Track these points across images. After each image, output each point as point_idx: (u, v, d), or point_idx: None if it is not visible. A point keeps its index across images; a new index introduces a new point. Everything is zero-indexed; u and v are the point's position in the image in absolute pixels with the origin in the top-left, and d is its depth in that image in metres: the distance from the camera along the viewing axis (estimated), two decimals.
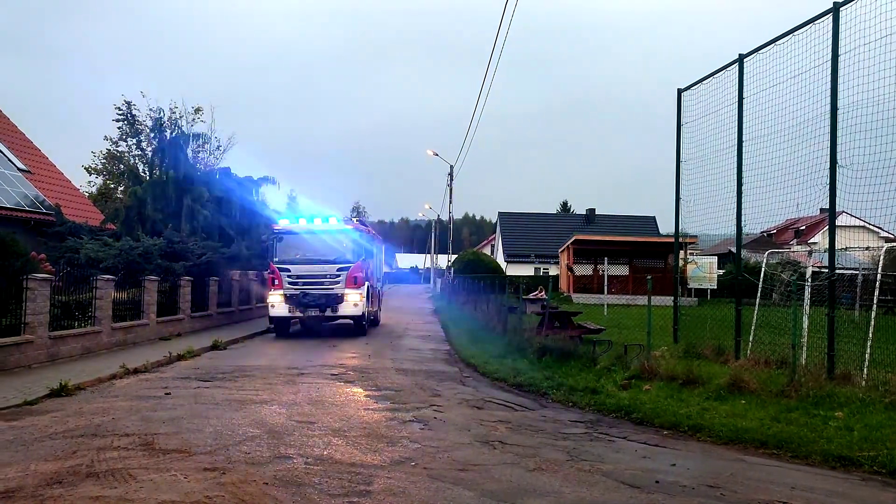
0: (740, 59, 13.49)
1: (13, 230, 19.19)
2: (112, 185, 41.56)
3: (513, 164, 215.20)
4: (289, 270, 20.79)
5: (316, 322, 22.85)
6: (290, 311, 20.75)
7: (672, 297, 16.82)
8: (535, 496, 6.24)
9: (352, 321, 21.86)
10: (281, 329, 21.77)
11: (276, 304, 20.80)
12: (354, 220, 22.49)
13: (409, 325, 27.50)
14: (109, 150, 38.16)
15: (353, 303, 20.80)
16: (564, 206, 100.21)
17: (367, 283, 21.83)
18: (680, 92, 16.03)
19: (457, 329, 23.69)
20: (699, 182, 15.07)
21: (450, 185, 52.33)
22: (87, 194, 36.33)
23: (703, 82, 14.96)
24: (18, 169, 25.92)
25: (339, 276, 20.78)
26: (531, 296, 21.88)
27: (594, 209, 72.98)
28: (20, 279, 13.71)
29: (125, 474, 6.54)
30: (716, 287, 34.25)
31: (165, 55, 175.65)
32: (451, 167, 51.23)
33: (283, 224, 22.09)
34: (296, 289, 20.65)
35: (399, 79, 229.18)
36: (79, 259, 21.25)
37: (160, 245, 22.89)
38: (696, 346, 13.73)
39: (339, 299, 20.72)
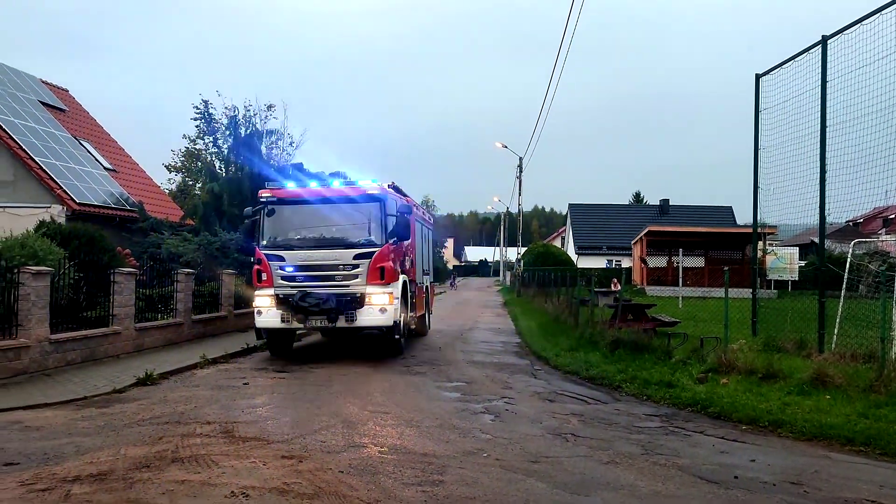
0: (823, 41, 12.93)
1: (101, 226, 20.07)
2: (190, 182, 42.89)
3: (583, 154, 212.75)
4: (282, 259, 14.22)
5: (337, 333, 16.28)
6: (283, 321, 14.10)
7: (750, 290, 16.31)
8: (609, 489, 6.17)
9: (379, 333, 14.89)
10: (277, 344, 15.11)
11: (264, 308, 14.20)
12: (385, 185, 15.47)
13: (479, 319, 27.56)
14: (188, 148, 39.34)
15: (379, 307, 13.99)
16: (637, 196, 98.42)
17: (402, 277, 15.22)
18: (758, 77, 15.49)
19: (527, 322, 23.60)
20: (779, 170, 14.53)
21: (519, 177, 52.04)
22: (167, 191, 37.66)
23: (783, 66, 14.40)
24: (105, 168, 27.08)
25: (357, 266, 14.00)
26: (612, 287, 21.48)
27: (668, 200, 71.40)
28: (108, 273, 14.36)
29: (208, 460, 6.78)
30: (797, 279, 33.05)
31: (241, 55, 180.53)
32: (520, 159, 50.92)
33: (273, 189, 15.06)
34: (292, 286, 14.06)
35: (467, 71, 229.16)
36: (160, 254, 22.07)
37: (237, 240, 23.53)
38: (777, 340, 13.28)
39: (357, 302, 13.95)
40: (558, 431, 8.42)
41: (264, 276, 14.35)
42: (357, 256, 14.08)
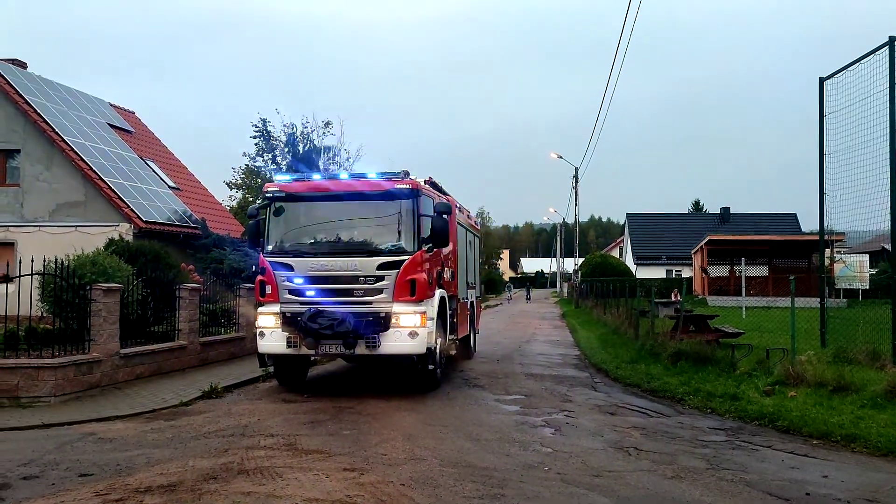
0: (891, 42, 12.50)
1: (166, 243, 20.69)
2: (251, 199, 43.83)
3: (640, 163, 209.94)
4: (290, 268, 11.78)
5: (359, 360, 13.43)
6: (290, 345, 11.71)
7: (818, 299, 15.81)
8: None
9: (408, 362, 11.97)
10: (286, 373, 12.86)
11: (267, 330, 11.90)
12: (419, 180, 12.57)
13: (537, 331, 27.39)
14: (247, 165, 40.17)
15: (408, 330, 11.39)
16: (696, 205, 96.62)
17: (439, 292, 12.59)
18: (822, 81, 15.07)
19: (586, 334, 23.36)
20: (846, 175, 14.09)
21: (575, 188, 51.58)
22: (228, 208, 38.51)
23: (849, 69, 13.99)
24: (169, 187, 27.92)
25: (382, 278, 11.45)
26: (672, 297, 21.04)
27: (729, 208, 70.01)
28: (173, 289, 14.79)
29: (272, 472, 6.90)
30: (868, 287, 31.86)
31: (296, 73, 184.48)
32: (576, 169, 50.50)
33: (281, 183, 12.74)
34: (301, 302, 11.65)
35: (520, 81, 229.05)
36: (223, 269, 22.60)
37: None
38: (847, 351, 12.82)
39: (381, 323, 11.40)
40: (620, 445, 8.29)
41: (268, 290, 11.91)
42: (382, 266, 11.49)
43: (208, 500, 6.03)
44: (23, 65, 26.19)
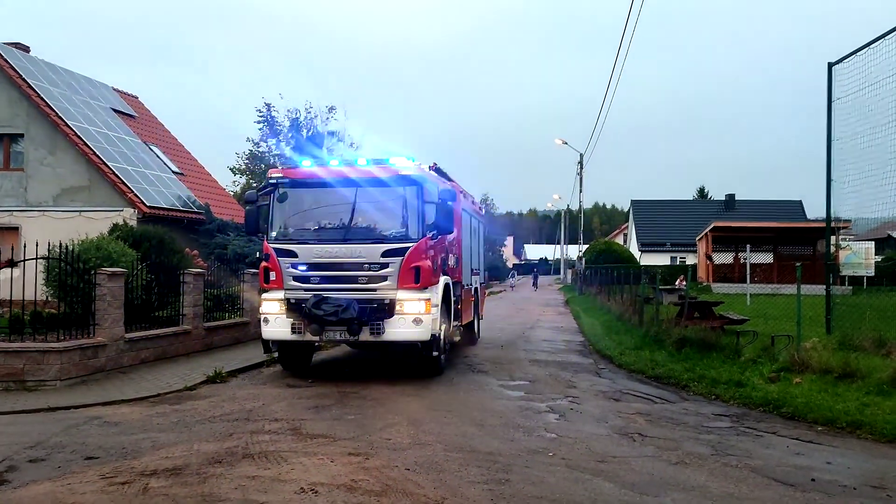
0: None
1: (170, 228, 20.67)
2: (254, 184, 43.75)
3: (645, 150, 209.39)
4: (294, 255, 11.72)
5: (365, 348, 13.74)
6: (294, 331, 11.66)
7: (823, 286, 15.75)
8: (679, 490, 6.05)
9: (412, 348, 11.95)
10: (290, 359, 12.88)
11: (272, 316, 11.86)
12: (425, 165, 12.81)
13: (541, 318, 27.40)
14: (251, 150, 40.10)
15: (412, 316, 11.36)
16: (701, 191, 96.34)
17: (443, 279, 12.73)
18: (830, 66, 14.94)
19: (590, 320, 23.34)
20: (853, 162, 14.00)
21: (579, 174, 51.44)
22: (232, 193, 38.46)
23: (857, 54, 13.86)
24: (173, 172, 27.87)
25: (386, 265, 11.41)
26: (677, 284, 21.01)
27: (733, 194, 69.78)
28: (177, 274, 14.79)
29: (277, 456, 6.92)
30: (873, 274, 31.79)
31: (302, 59, 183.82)
32: (581, 155, 50.32)
33: (285, 169, 12.85)
34: (305, 289, 11.60)
35: (525, 68, 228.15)
36: (227, 254, 22.61)
37: None
38: (853, 338, 12.79)
39: (385, 310, 11.37)
40: (625, 431, 8.29)
41: (273, 276, 11.89)
42: (386, 253, 11.43)
43: (213, 484, 6.04)
44: (26, 49, 26.10)
